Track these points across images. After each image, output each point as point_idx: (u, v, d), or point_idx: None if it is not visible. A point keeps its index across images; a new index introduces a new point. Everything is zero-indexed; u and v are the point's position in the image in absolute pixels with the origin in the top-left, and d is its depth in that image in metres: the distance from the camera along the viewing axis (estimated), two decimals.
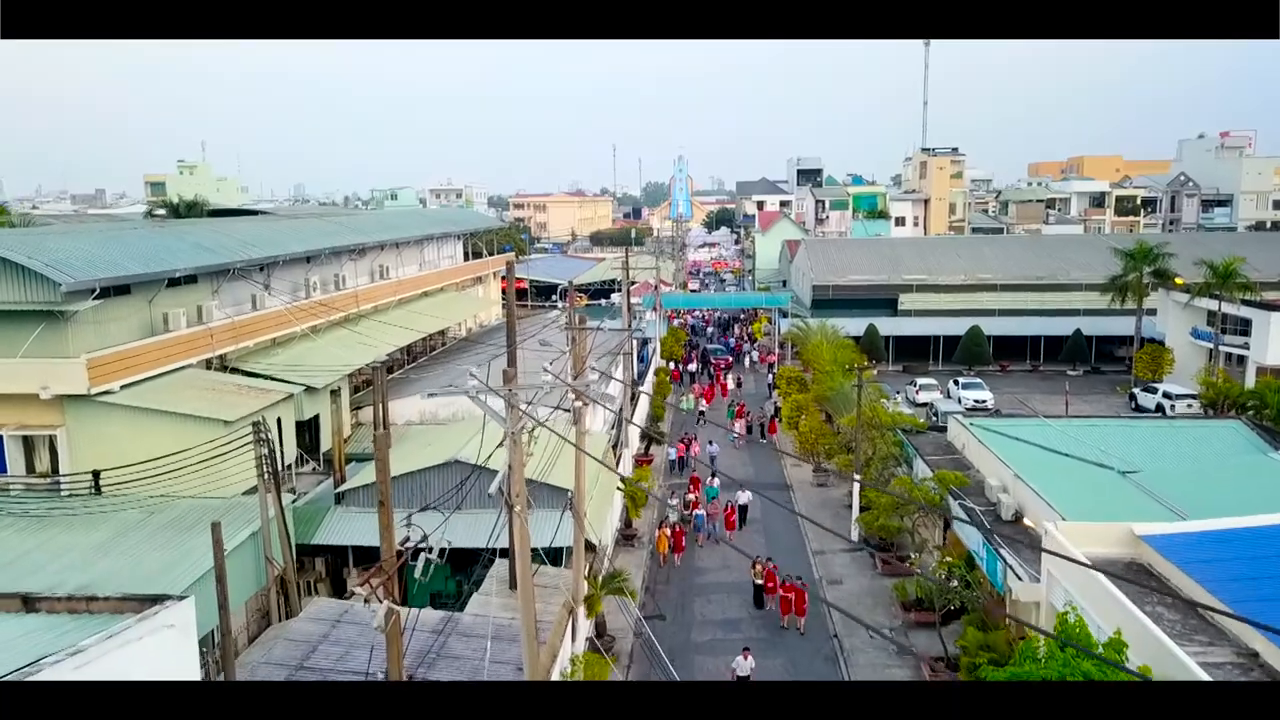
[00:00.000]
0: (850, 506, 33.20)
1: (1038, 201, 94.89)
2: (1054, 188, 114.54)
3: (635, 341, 63.11)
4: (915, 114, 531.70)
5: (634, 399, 50.48)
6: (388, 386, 24.80)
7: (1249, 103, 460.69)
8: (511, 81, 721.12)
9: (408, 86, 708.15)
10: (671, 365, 61.70)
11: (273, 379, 30.04)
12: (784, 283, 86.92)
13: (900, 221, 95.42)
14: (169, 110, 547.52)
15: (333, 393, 32.84)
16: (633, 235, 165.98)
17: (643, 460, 39.56)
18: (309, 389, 30.08)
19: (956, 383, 51.97)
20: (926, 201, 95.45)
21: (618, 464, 33.14)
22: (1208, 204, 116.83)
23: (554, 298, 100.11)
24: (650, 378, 53.87)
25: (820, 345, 47.80)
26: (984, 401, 49.45)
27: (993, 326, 60.13)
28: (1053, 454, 27.76)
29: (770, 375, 56.93)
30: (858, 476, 31.97)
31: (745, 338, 74.64)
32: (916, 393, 50.84)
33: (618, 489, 31.80)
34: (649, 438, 40.60)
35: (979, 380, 51.88)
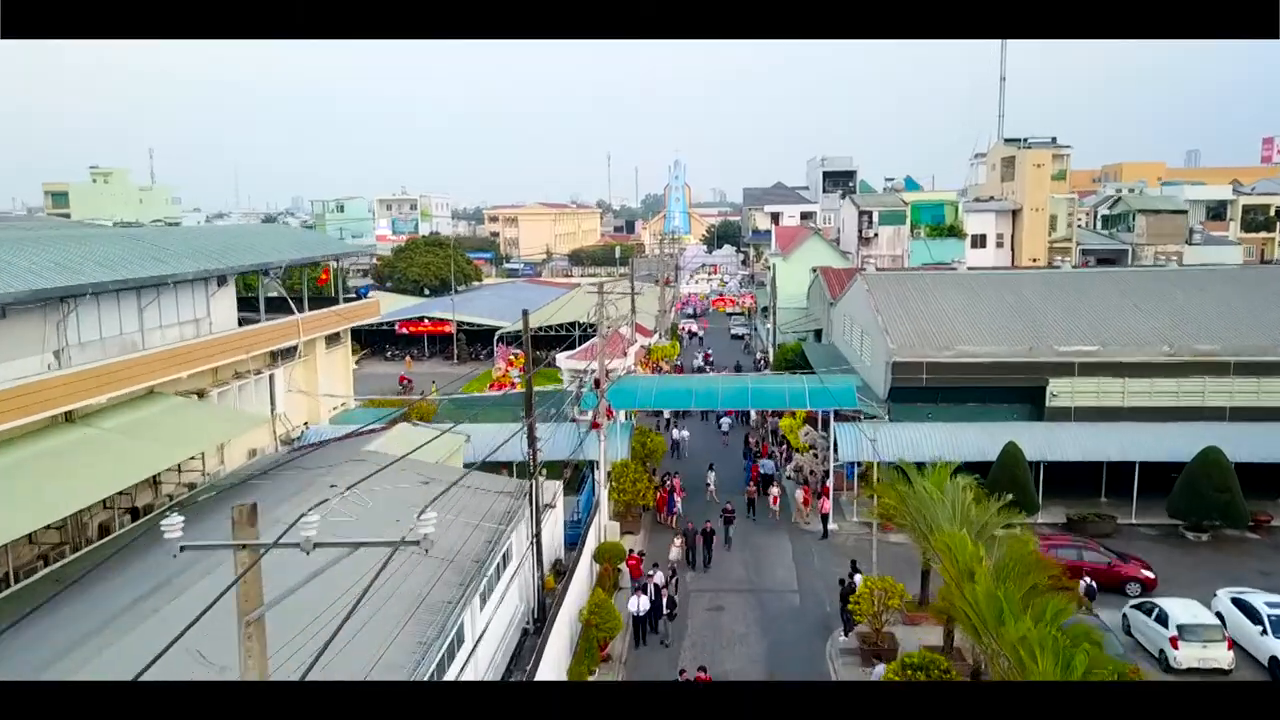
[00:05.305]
0: None
1: (1175, 212, 66.65)
2: (1150, 195, 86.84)
3: (564, 474, 35.21)
4: (938, 118, 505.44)
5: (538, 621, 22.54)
6: None
7: (1250, 106, 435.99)
8: (513, 91, 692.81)
9: (408, 97, 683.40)
10: (637, 531, 33.59)
11: None
12: (818, 333, 58.79)
13: (979, 241, 67.39)
14: (167, 121, 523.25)
15: None
16: (618, 253, 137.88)
17: None
18: None
19: (1246, 608, 23.70)
20: (1015, 213, 67.43)
21: None
22: None
23: (484, 350, 72.25)
24: (585, 567, 25.96)
25: (963, 546, 19.34)
26: None
27: (1233, 442, 32.18)
28: None
29: (850, 580, 26.18)
30: None
31: (775, 443, 42.94)
32: (1151, 618, 22.74)
33: None
34: None
35: None
